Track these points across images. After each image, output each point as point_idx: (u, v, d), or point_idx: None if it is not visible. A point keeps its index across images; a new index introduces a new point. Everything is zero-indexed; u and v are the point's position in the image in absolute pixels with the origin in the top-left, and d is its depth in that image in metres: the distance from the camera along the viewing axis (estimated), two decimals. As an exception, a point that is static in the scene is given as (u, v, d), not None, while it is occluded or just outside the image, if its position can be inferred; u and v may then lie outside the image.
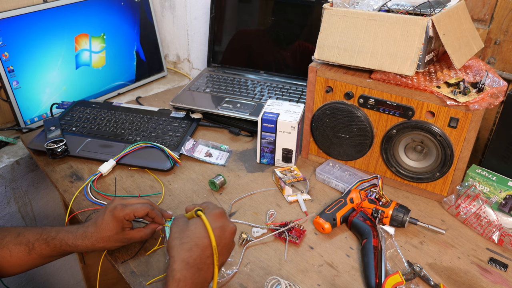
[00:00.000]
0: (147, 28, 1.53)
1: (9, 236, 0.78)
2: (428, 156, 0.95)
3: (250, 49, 1.45)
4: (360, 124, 0.98)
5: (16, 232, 0.79)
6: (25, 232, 0.79)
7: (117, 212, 0.75)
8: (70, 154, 1.08)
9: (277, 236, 0.86)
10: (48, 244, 0.77)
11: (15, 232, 0.79)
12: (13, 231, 0.79)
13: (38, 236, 0.77)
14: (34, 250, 0.77)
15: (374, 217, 0.87)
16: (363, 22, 0.90)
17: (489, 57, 1.05)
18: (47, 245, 0.77)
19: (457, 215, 0.93)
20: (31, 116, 1.27)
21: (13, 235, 0.78)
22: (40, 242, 0.77)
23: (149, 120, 1.22)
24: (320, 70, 0.98)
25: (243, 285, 0.76)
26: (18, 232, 0.79)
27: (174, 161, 1.05)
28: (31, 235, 0.78)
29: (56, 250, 0.77)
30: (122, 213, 0.75)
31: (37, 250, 0.77)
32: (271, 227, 0.88)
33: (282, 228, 0.86)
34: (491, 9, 1.01)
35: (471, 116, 0.85)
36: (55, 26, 1.28)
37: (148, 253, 0.81)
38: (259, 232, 0.87)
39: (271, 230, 0.88)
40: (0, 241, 0.77)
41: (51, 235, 0.77)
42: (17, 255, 0.77)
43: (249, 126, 1.22)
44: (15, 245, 0.77)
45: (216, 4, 1.41)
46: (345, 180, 1.00)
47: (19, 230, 0.79)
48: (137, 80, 1.53)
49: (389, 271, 0.79)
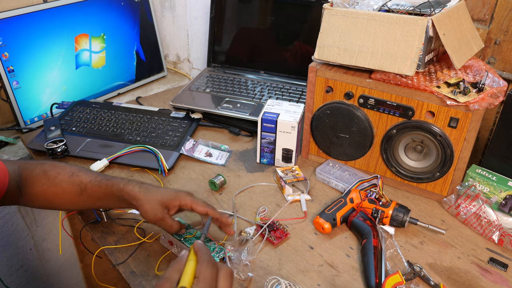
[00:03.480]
0: (147, 28, 1.53)
1: (63, 174, 0.81)
2: (428, 156, 0.95)
3: (250, 49, 1.45)
4: (360, 124, 0.98)
5: (70, 172, 0.81)
6: (79, 173, 0.81)
7: (181, 194, 0.77)
8: (70, 154, 1.08)
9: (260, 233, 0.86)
10: (100, 185, 0.79)
11: (69, 171, 0.81)
12: (68, 170, 0.82)
13: (92, 178, 0.80)
14: (86, 191, 0.80)
15: (374, 217, 0.87)
16: (363, 22, 0.90)
17: (489, 57, 1.05)
18: (99, 186, 0.79)
19: (457, 215, 0.93)
20: (31, 116, 1.27)
21: (67, 173, 0.81)
22: (93, 184, 0.79)
23: (149, 120, 1.22)
24: (320, 70, 0.98)
25: (243, 285, 0.76)
26: (72, 172, 0.82)
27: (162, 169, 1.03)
28: (85, 176, 0.81)
29: (107, 192, 0.79)
30: (184, 197, 0.77)
31: (88, 192, 0.80)
32: (258, 223, 0.88)
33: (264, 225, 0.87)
34: (491, 9, 1.01)
35: (471, 116, 0.85)
36: (55, 26, 1.28)
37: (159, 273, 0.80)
38: (251, 230, 0.87)
39: (258, 226, 0.88)
40: (54, 178, 0.81)
41: (105, 177, 0.80)
42: (69, 194, 0.80)
43: (249, 126, 1.22)
44: (68, 184, 0.80)
45: (216, 4, 1.41)
46: (345, 180, 1.00)
47: (73, 170, 0.82)
48: (137, 80, 1.53)
49: (389, 271, 0.79)
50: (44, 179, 0.81)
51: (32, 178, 0.81)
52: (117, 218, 0.90)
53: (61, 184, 0.80)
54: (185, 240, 0.79)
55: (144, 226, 0.88)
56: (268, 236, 0.86)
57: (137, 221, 0.89)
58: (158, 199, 0.76)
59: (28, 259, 1.35)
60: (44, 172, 0.81)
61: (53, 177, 0.81)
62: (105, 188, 0.79)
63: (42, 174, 0.81)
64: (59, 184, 0.80)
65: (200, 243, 0.62)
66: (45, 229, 1.36)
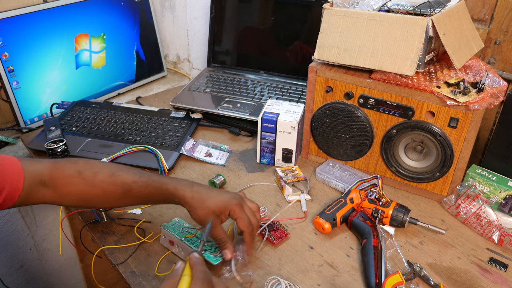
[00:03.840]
0: (147, 28, 1.53)
1: (102, 174, 0.78)
2: (428, 156, 0.95)
3: (250, 49, 1.45)
4: (360, 124, 0.98)
5: (109, 171, 0.78)
6: (120, 172, 0.78)
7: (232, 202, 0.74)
8: (70, 154, 1.08)
9: (260, 233, 0.86)
10: (147, 186, 0.77)
11: (108, 171, 0.78)
12: (106, 170, 0.79)
13: (136, 178, 0.77)
14: (131, 191, 0.77)
15: (374, 217, 0.87)
16: (363, 22, 0.90)
17: (489, 57, 1.05)
18: (146, 187, 0.77)
19: (457, 215, 0.93)
20: (31, 116, 1.27)
21: (106, 173, 0.78)
22: (138, 185, 0.77)
23: (149, 120, 1.22)
24: (320, 70, 0.98)
25: (243, 285, 0.76)
26: (111, 171, 0.78)
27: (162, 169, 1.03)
28: (127, 176, 0.78)
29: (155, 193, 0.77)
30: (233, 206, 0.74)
31: (133, 192, 0.77)
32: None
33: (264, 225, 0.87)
34: (491, 9, 1.01)
35: (471, 116, 0.85)
36: (55, 26, 1.28)
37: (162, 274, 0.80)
38: None
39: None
40: (92, 179, 0.77)
41: (150, 177, 0.78)
42: (111, 194, 0.78)
43: (249, 126, 1.22)
44: (109, 184, 0.77)
45: (216, 4, 1.41)
46: (345, 180, 1.00)
47: (112, 170, 0.79)
48: (137, 80, 1.53)
49: (389, 271, 0.79)
50: (80, 180, 0.77)
51: (65, 179, 0.77)
52: (117, 218, 0.90)
53: (101, 185, 0.77)
54: (186, 240, 0.79)
55: (144, 226, 0.88)
56: (268, 236, 0.86)
57: (137, 221, 0.89)
58: (210, 208, 0.74)
59: (28, 259, 1.35)
60: (78, 172, 0.78)
61: (90, 178, 0.77)
62: (153, 189, 0.77)
63: (76, 174, 0.77)
64: (99, 184, 0.77)
65: (196, 258, 0.59)
66: (45, 229, 1.36)
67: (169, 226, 0.82)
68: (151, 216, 0.91)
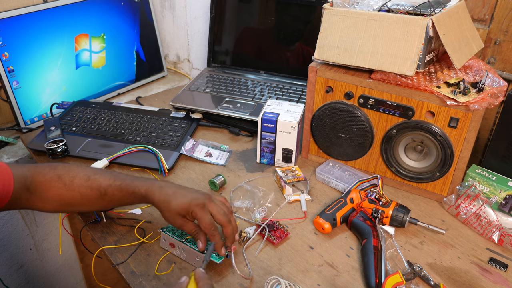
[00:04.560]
0: (147, 28, 1.53)
1: (79, 178, 0.80)
2: (428, 156, 0.95)
3: (250, 49, 1.45)
4: (360, 124, 0.98)
5: (85, 175, 0.80)
6: (95, 176, 0.80)
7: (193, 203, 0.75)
8: (70, 154, 1.08)
9: (260, 233, 0.86)
10: (121, 190, 0.79)
11: (85, 175, 0.80)
12: (82, 174, 0.81)
13: (111, 182, 0.80)
14: (106, 195, 0.79)
15: (374, 217, 0.87)
16: (363, 22, 0.90)
17: (489, 57, 1.05)
18: (120, 191, 0.79)
19: (457, 215, 0.93)
20: (31, 116, 1.27)
21: (83, 177, 0.80)
22: (113, 188, 0.79)
23: (149, 120, 1.22)
24: (320, 70, 0.98)
25: (243, 285, 0.76)
26: (87, 175, 0.80)
27: (162, 169, 1.04)
28: (102, 180, 0.80)
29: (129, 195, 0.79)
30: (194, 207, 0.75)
31: (109, 196, 0.80)
32: (258, 223, 0.89)
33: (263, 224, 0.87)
34: (491, 9, 1.01)
35: (471, 116, 0.85)
36: (55, 26, 1.28)
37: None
38: (251, 230, 0.87)
39: (258, 226, 0.88)
40: (70, 183, 0.79)
41: (124, 180, 0.80)
42: (88, 198, 0.80)
43: (249, 126, 1.22)
44: (86, 189, 0.79)
45: (216, 4, 1.41)
46: (345, 180, 1.00)
47: (88, 173, 0.81)
48: (137, 80, 1.53)
49: (389, 271, 0.79)
50: (59, 184, 0.79)
51: (45, 183, 0.79)
52: (117, 218, 0.90)
53: (79, 189, 0.79)
54: (187, 241, 0.79)
55: (144, 226, 0.88)
56: (268, 236, 0.86)
57: (137, 221, 0.89)
58: (175, 210, 0.76)
59: (28, 259, 1.35)
60: (58, 176, 0.80)
61: (69, 182, 0.79)
62: (126, 193, 0.79)
63: (56, 179, 0.79)
64: (77, 189, 0.79)
65: (202, 272, 0.60)
66: (45, 229, 1.36)
67: (167, 229, 0.82)
68: (151, 216, 0.91)
